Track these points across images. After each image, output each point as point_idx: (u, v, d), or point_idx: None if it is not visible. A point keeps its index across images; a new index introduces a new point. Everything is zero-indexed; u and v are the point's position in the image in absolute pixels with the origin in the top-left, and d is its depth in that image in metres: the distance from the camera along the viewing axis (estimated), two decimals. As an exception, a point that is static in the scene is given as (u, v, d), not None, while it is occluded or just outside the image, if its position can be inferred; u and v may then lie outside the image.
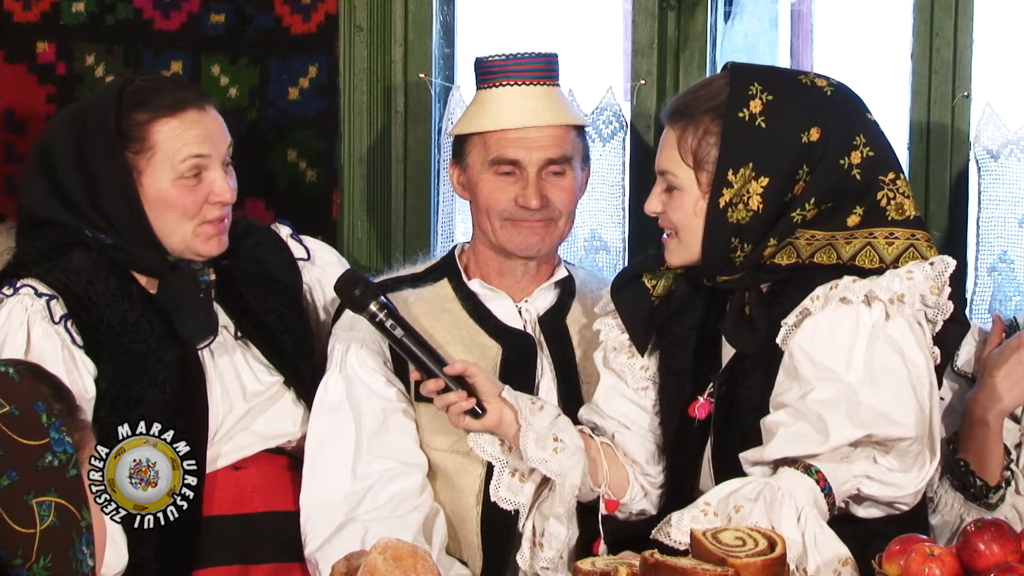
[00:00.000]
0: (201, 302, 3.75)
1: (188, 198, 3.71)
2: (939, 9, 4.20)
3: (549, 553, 3.58)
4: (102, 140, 3.69)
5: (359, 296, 3.61)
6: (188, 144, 3.70)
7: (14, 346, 3.62)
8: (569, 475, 3.55)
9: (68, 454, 2.52)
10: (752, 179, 3.41)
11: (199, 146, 3.71)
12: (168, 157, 3.70)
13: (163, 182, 3.70)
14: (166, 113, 3.70)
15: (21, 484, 2.47)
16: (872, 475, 3.34)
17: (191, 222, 3.73)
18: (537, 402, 3.63)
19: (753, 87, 3.44)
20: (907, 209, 3.46)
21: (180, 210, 3.71)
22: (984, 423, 3.60)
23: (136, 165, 3.70)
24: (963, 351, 3.72)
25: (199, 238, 3.74)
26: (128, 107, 3.71)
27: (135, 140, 3.70)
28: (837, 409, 3.31)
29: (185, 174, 3.70)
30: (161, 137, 3.70)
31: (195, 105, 3.74)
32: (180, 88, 3.82)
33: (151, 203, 3.71)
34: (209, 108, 3.77)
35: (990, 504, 3.64)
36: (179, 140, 3.70)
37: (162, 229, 3.72)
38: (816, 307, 3.39)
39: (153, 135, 3.69)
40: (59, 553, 2.47)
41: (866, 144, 3.45)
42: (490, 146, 3.78)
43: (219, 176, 3.74)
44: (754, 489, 3.29)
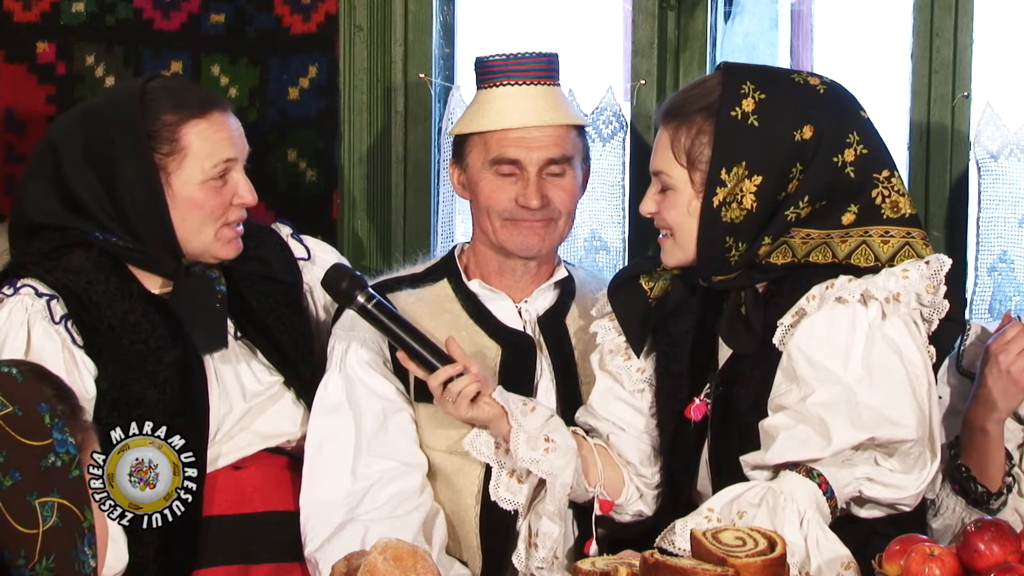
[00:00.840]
0: (216, 312, 3.74)
1: (215, 200, 3.72)
2: (939, 9, 4.21)
3: (542, 552, 3.59)
4: (128, 141, 3.69)
5: (345, 289, 3.62)
6: (218, 147, 3.72)
7: (14, 346, 3.62)
8: (560, 475, 3.56)
9: (71, 455, 2.52)
10: (745, 178, 3.41)
11: (228, 149, 3.73)
12: (199, 159, 3.71)
13: (192, 184, 3.71)
14: (195, 114, 3.71)
15: (24, 485, 2.47)
16: (873, 477, 3.34)
17: (214, 224, 3.73)
18: (529, 403, 3.63)
19: (745, 86, 3.43)
20: (902, 207, 3.45)
21: (207, 212, 3.72)
22: (984, 431, 3.60)
23: (165, 167, 3.70)
24: (969, 350, 3.71)
25: (219, 241, 3.75)
26: (154, 108, 3.71)
27: (165, 141, 3.69)
28: (838, 412, 3.31)
29: (213, 176, 3.71)
30: (192, 139, 3.70)
31: (220, 107, 3.76)
32: (202, 89, 3.85)
33: (177, 205, 3.71)
34: (230, 111, 3.79)
35: (991, 510, 3.63)
36: (209, 142, 3.71)
37: (185, 231, 3.72)
38: (812, 307, 3.39)
39: (184, 137, 3.70)
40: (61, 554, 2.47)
41: (859, 142, 3.44)
42: (490, 146, 3.78)
43: (242, 178, 3.76)
44: (757, 494, 3.29)
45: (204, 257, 3.76)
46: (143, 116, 3.69)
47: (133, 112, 3.70)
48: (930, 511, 3.67)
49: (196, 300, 3.74)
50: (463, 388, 3.57)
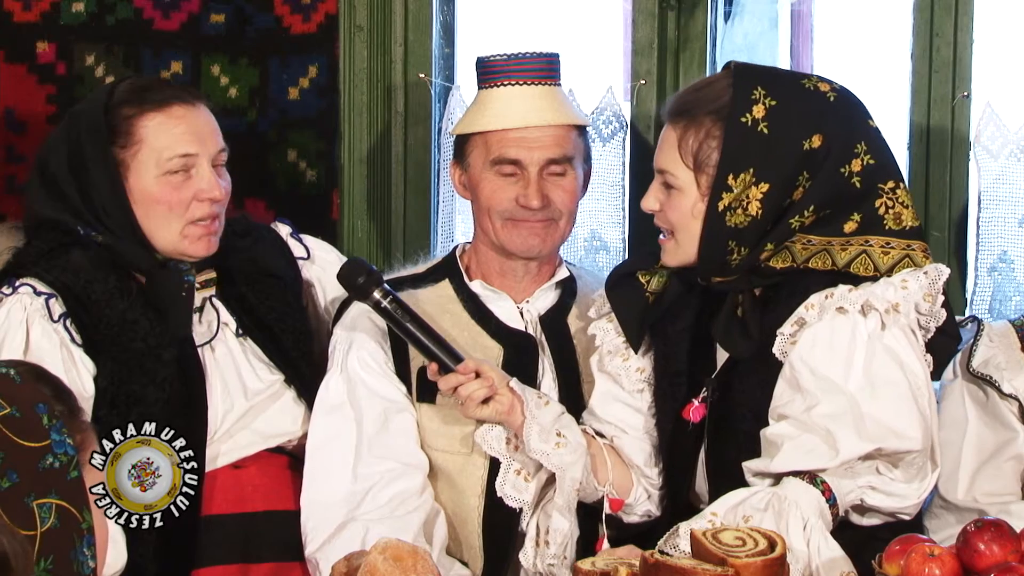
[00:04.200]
0: (180, 300, 3.74)
1: (174, 195, 3.71)
2: (939, 9, 4.20)
3: (554, 548, 3.58)
4: (91, 135, 3.70)
5: (363, 284, 3.61)
6: (174, 140, 3.70)
7: (13, 345, 3.62)
8: (570, 469, 3.55)
9: (69, 456, 2.51)
10: (752, 184, 3.41)
11: (185, 143, 3.71)
12: (154, 152, 3.69)
13: (148, 178, 3.70)
14: (152, 108, 3.70)
15: (21, 486, 2.46)
16: (876, 486, 3.35)
17: (178, 221, 3.72)
18: (543, 397, 3.64)
19: (756, 91, 3.42)
20: (905, 219, 3.45)
21: (166, 207, 3.70)
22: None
23: (123, 160, 3.70)
24: (979, 351, 3.66)
25: (187, 239, 3.73)
26: (116, 103, 3.72)
27: (121, 135, 3.70)
28: (845, 423, 3.31)
29: (170, 170, 3.70)
30: (147, 132, 3.69)
31: (183, 101, 3.74)
32: (170, 87, 3.83)
33: (137, 199, 3.71)
34: (200, 107, 3.77)
35: None
36: (165, 136, 3.70)
37: (149, 226, 3.72)
38: (812, 316, 3.38)
39: (139, 130, 3.69)
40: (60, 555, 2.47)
41: (867, 152, 3.44)
42: (491, 146, 3.78)
43: (207, 173, 3.73)
44: (762, 499, 3.28)
45: (175, 255, 3.75)
46: (106, 112, 3.71)
47: (99, 108, 3.72)
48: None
49: (165, 289, 3.73)
50: (472, 392, 3.57)
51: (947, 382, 3.70)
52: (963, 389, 3.68)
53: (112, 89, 3.77)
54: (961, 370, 3.68)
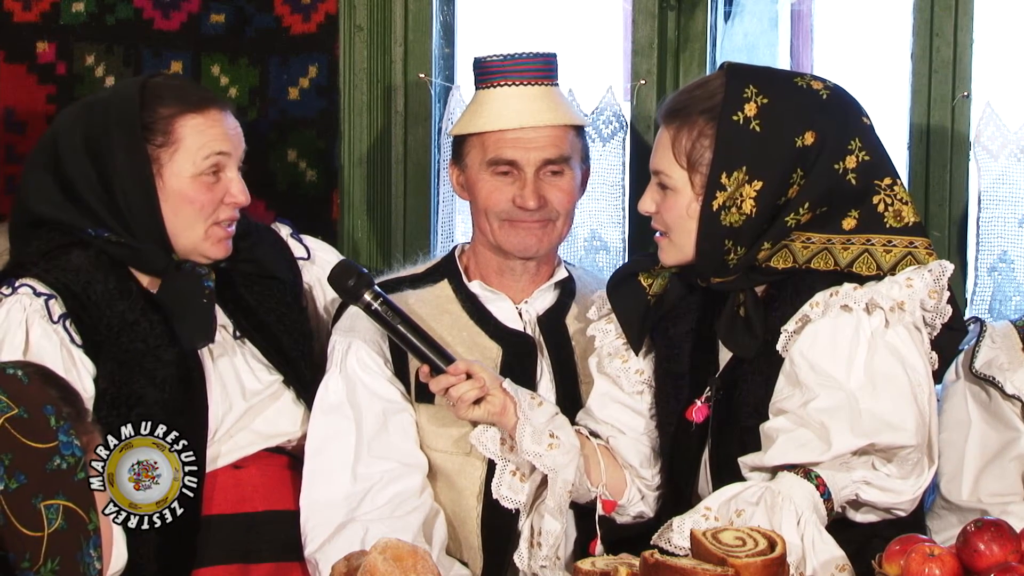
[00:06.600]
0: (202, 307, 3.74)
1: (206, 195, 3.73)
2: (939, 9, 4.21)
3: (545, 551, 3.59)
4: (124, 132, 3.70)
5: (353, 286, 3.62)
6: (211, 140, 3.73)
7: (13, 345, 3.62)
8: (562, 471, 3.55)
9: (76, 457, 2.52)
10: (745, 183, 3.41)
11: (221, 143, 3.74)
12: (191, 152, 3.71)
13: (183, 177, 3.72)
14: (192, 109, 3.73)
15: (29, 487, 2.47)
16: (871, 481, 3.35)
17: (205, 221, 3.73)
18: (536, 398, 3.64)
19: (748, 89, 3.43)
20: (905, 216, 3.45)
21: (197, 207, 3.72)
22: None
23: (157, 158, 3.71)
24: (982, 352, 3.66)
25: (209, 240, 3.75)
26: (152, 101, 3.73)
27: (159, 133, 3.71)
28: (839, 418, 3.31)
29: (205, 171, 3.72)
30: (186, 132, 3.72)
31: (218, 105, 3.78)
32: (204, 90, 3.88)
33: (168, 198, 3.72)
34: (229, 111, 3.80)
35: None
36: (203, 136, 3.72)
37: (175, 226, 3.73)
38: (816, 314, 3.39)
39: (178, 129, 3.71)
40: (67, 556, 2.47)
41: (861, 148, 3.44)
42: (488, 146, 3.78)
43: (236, 177, 3.77)
44: (755, 493, 3.29)
45: (193, 255, 3.76)
46: (141, 108, 3.71)
47: (132, 104, 3.72)
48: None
49: (183, 294, 3.74)
50: (463, 393, 3.57)
51: (949, 383, 3.70)
52: (966, 390, 3.68)
53: (143, 86, 3.77)
54: (964, 371, 3.68)
